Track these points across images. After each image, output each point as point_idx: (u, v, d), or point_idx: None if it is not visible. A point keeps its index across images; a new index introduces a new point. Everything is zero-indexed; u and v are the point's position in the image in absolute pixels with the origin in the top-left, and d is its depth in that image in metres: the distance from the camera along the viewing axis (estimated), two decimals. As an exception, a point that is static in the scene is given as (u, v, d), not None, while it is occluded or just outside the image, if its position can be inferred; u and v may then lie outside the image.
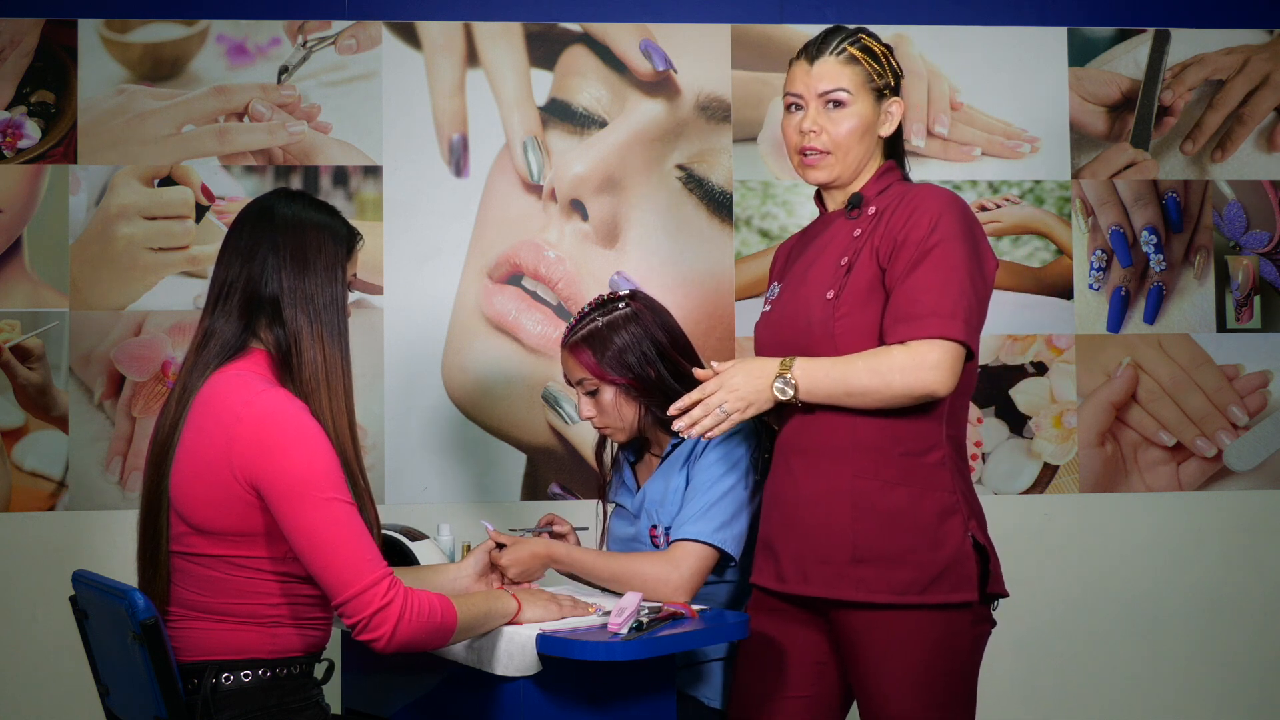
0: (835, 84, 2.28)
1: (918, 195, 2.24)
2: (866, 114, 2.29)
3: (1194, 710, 3.56)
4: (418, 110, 3.44)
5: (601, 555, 2.49)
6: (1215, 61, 3.62)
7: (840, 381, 2.16)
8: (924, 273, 2.15)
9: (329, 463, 2.00)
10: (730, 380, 2.19)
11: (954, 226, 2.18)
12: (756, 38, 3.50)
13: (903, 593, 2.17)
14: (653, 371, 2.50)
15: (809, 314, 2.26)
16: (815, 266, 2.30)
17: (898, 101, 2.32)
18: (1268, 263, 3.61)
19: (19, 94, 3.35)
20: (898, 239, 2.19)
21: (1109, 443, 3.56)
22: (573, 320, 2.59)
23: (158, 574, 2.07)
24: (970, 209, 2.25)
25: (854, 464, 2.20)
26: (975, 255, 2.19)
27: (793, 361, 2.18)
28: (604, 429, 2.58)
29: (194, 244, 3.37)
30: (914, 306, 2.14)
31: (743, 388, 2.19)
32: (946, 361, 2.13)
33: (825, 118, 2.29)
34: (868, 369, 2.14)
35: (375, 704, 2.46)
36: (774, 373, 2.18)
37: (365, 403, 3.34)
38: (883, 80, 2.30)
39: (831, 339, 2.21)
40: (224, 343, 2.09)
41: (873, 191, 2.30)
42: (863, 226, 2.27)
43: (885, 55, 2.32)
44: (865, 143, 2.30)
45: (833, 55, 2.30)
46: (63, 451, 3.33)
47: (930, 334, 2.13)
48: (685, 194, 3.48)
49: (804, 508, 2.24)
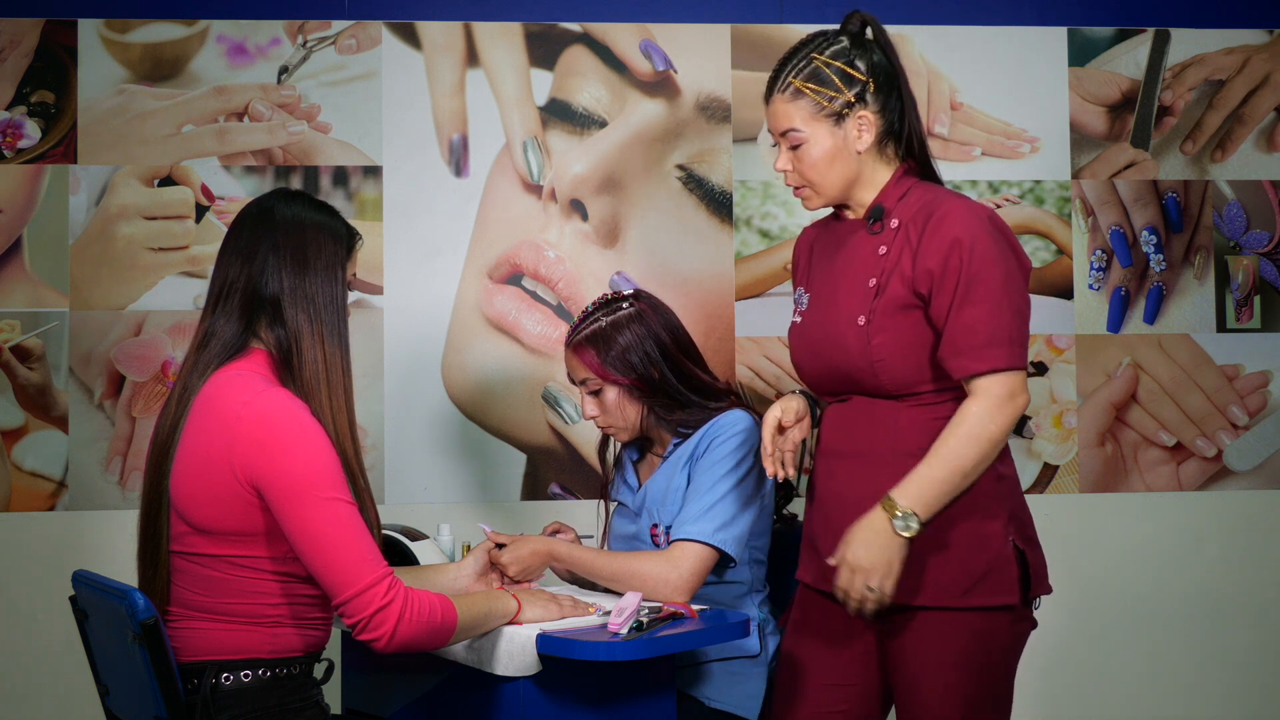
0: (787, 124, 2.25)
1: (946, 217, 2.18)
2: (826, 143, 2.23)
3: (1194, 710, 3.55)
4: (418, 110, 3.44)
5: (602, 554, 2.49)
6: (1215, 61, 3.62)
7: (955, 475, 2.12)
8: (975, 304, 2.13)
9: (329, 462, 2.00)
10: (857, 561, 2.12)
11: (991, 247, 2.15)
12: (756, 38, 3.50)
13: (944, 596, 2.18)
14: (656, 372, 2.50)
15: (844, 341, 2.23)
16: (843, 286, 2.27)
17: (863, 115, 2.23)
18: (1268, 263, 3.61)
19: (19, 94, 3.35)
20: (934, 271, 2.16)
21: (1109, 443, 3.56)
22: (576, 320, 2.59)
23: (158, 574, 2.07)
24: (998, 217, 2.21)
25: (895, 470, 2.18)
26: (1016, 270, 2.18)
27: (893, 499, 2.11)
28: (607, 428, 2.58)
29: (194, 244, 3.37)
30: (972, 338, 2.13)
31: (871, 559, 2.11)
32: (1019, 386, 2.15)
33: (791, 156, 2.27)
34: (966, 441, 2.12)
35: (375, 704, 2.46)
36: (887, 525, 2.11)
37: (365, 403, 3.34)
38: (837, 101, 2.22)
39: (871, 366, 2.20)
40: (224, 343, 2.09)
41: (892, 201, 2.25)
42: (886, 242, 2.23)
43: (844, 67, 2.23)
44: (840, 167, 2.25)
45: (780, 93, 2.27)
46: (63, 451, 3.33)
47: (995, 365, 2.12)
48: (685, 194, 3.48)
49: (847, 510, 2.22)
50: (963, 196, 2.26)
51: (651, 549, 2.55)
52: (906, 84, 2.28)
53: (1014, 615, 2.22)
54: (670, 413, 2.53)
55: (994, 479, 2.21)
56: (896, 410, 2.23)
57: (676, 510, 2.51)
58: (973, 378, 2.14)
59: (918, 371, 2.20)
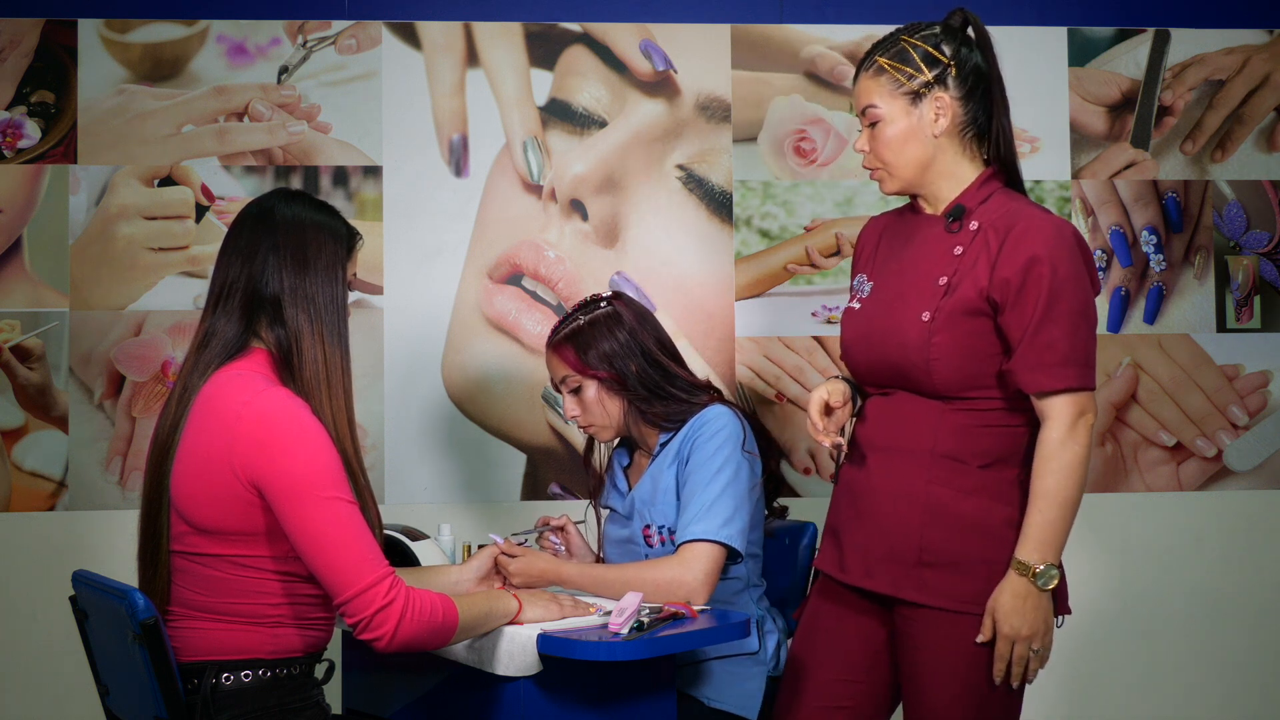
0: (867, 100, 2.26)
1: (1030, 229, 2.17)
2: (901, 122, 2.23)
3: (1194, 710, 3.55)
4: (418, 110, 3.44)
5: (611, 568, 2.50)
6: (1215, 61, 3.62)
7: (1064, 508, 2.15)
8: (1055, 322, 2.14)
9: (330, 462, 2.00)
10: (1016, 632, 2.15)
11: (1071, 267, 2.16)
12: (756, 38, 3.50)
13: (967, 602, 2.19)
14: (633, 365, 2.54)
15: (903, 335, 2.22)
16: (911, 280, 2.26)
17: (939, 96, 2.23)
18: (1268, 263, 3.61)
19: (19, 94, 3.35)
20: (1012, 282, 2.15)
21: (1109, 443, 3.56)
22: (557, 322, 2.63)
23: (158, 574, 2.07)
24: (1080, 236, 2.21)
25: (931, 470, 2.20)
26: (1090, 290, 2.19)
27: (1024, 562, 2.14)
28: (588, 428, 2.61)
29: (194, 244, 3.36)
30: (1050, 355, 2.14)
31: (1028, 625, 2.15)
32: (1089, 404, 2.17)
33: (870, 136, 2.27)
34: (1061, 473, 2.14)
35: (375, 704, 2.46)
36: (1030, 587, 2.14)
37: (365, 403, 3.34)
38: (916, 81, 2.22)
39: (926, 363, 2.20)
40: (225, 343, 2.09)
41: (974, 202, 2.24)
42: (963, 243, 2.22)
43: (929, 49, 2.23)
44: (914, 149, 2.24)
45: (865, 71, 2.28)
46: (63, 451, 3.33)
47: (1069, 384, 2.14)
48: (685, 194, 3.48)
49: (876, 503, 2.24)
50: (1048, 211, 2.26)
51: (645, 550, 2.56)
52: (1001, 86, 2.27)
53: None
54: (650, 405, 2.55)
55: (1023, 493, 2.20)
56: (941, 411, 2.22)
57: (666, 509, 2.52)
58: (1045, 395, 2.15)
59: (971, 377, 2.20)
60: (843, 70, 3.51)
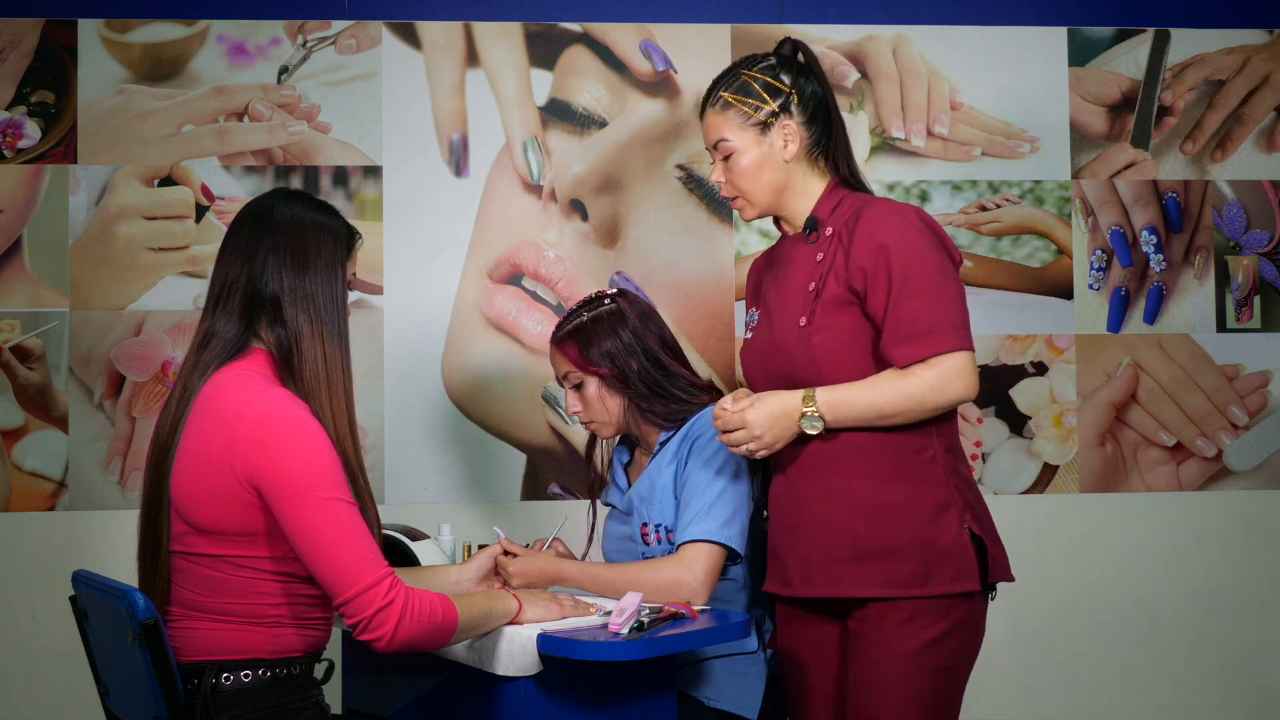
0: (717, 135, 2.34)
1: (874, 217, 2.25)
2: (753, 151, 2.31)
3: (1193, 710, 3.55)
4: (418, 110, 3.44)
5: (611, 568, 2.50)
6: (1215, 61, 3.62)
7: (870, 408, 2.20)
8: (911, 295, 2.19)
9: (330, 462, 2.00)
10: (755, 423, 2.22)
11: (919, 242, 2.22)
12: (756, 38, 3.50)
13: (904, 586, 2.21)
14: (635, 363, 2.55)
15: (787, 344, 2.30)
16: (786, 297, 2.34)
17: (788, 125, 2.31)
18: (1268, 263, 3.61)
19: (19, 94, 3.35)
20: (866, 269, 2.22)
21: (1109, 443, 3.56)
22: (561, 319, 2.63)
23: (158, 574, 2.07)
24: (925, 214, 2.28)
25: (847, 466, 2.25)
26: (947, 260, 2.25)
27: (814, 395, 2.21)
28: (589, 424, 2.62)
29: (194, 244, 3.37)
30: (915, 326, 2.19)
31: (769, 432, 2.22)
32: (968, 368, 2.21)
33: (724, 168, 2.35)
34: (897, 394, 2.19)
35: (375, 704, 2.46)
36: (797, 410, 2.21)
37: (365, 403, 3.34)
38: (762, 111, 2.30)
39: (813, 363, 2.26)
40: (225, 343, 2.09)
41: (825, 211, 2.33)
42: (823, 249, 2.30)
43: (769, 80, 2.31)
44: (768, 176, 2.32)
45: (711, 107, 2.36)
46: (63, 451, 3.33)
47: (939, 349, 2.19)
48: (685, 194, 3.48)
49: (803, 510, 2.29)
50: (892, 200, 2.33)
51: (643, 548, 2.56)
52: (836, 107, 2.36)
53: (973, 605, 2.25)
54: (650, 404, 2.55)
55: (949, 472, 2.25)
56: None
57: (663, 508, 2.52)
58: (917, 364, 2.19)
59: (862, 369, 2.24)
60: (843, 71, 3.52)
